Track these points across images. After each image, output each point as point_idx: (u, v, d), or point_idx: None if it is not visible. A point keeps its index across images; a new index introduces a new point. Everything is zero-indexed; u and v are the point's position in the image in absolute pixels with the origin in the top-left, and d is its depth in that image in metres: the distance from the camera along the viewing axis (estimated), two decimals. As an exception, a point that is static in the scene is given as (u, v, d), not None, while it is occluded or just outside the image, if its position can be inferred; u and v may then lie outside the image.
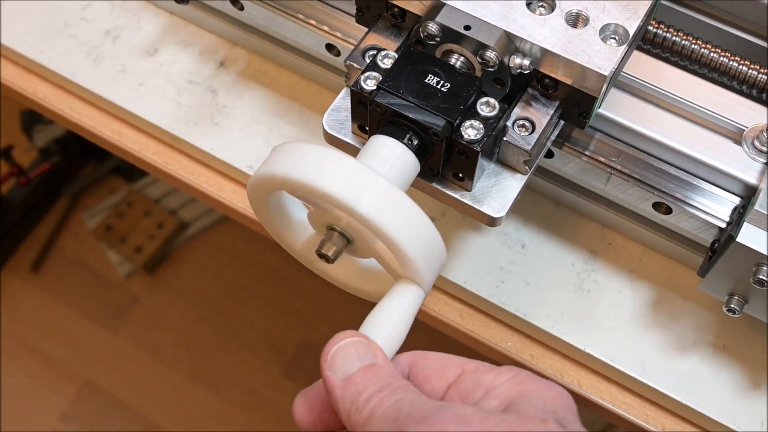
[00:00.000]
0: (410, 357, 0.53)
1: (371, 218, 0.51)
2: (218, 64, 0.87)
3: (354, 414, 0.47)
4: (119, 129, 0.87)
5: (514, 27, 0.60)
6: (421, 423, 0.44)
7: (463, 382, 0.50)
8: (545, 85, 0.62)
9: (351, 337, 0.51)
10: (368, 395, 0.48)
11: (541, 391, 0.48)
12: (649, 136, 0.68)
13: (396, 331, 0.53)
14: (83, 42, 0.89)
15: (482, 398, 0.49)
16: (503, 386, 0.49)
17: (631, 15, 0.61)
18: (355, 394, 0.48)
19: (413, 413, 0.45)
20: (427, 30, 0.61)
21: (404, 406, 0.46)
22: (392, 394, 0.47)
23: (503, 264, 0.78)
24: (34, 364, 1.87)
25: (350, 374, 0.49)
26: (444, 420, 0.43)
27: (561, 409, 0.48)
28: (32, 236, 2.01)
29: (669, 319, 0.76)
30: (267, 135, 0.83)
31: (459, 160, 0.59)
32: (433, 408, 0.45)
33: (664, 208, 0.69)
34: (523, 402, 0.47)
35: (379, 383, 0.48)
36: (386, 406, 0.46)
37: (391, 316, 0.54)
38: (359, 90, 0.59)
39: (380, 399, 0.47)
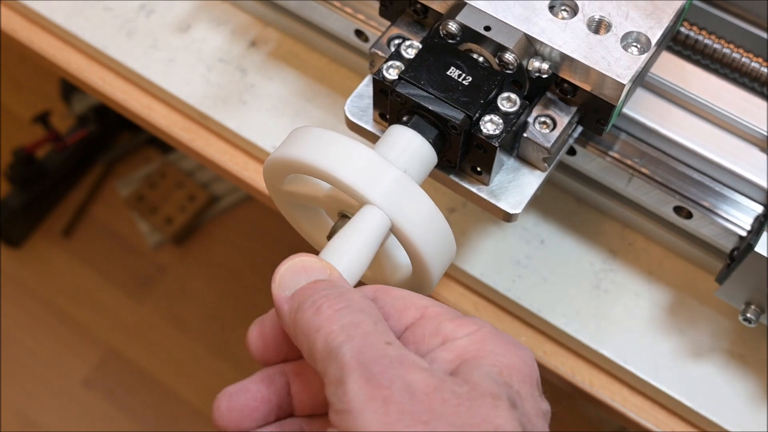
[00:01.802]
0: (372, 290, 0.48)
1: (383, 208, 0.51)
2: (249, 44, 0.87)
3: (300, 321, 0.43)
4: (149, 103, 0.87)
5: (535, 30, 0.60)
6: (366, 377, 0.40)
7: (422, 326, 0.46)
8: (564, 90, 0.61)
9: (302, 256, 0.47)
10: (317, 300, 0.43)
11: (501, 353, 0.44)
12: (674, 139, 0.68)
13: (357, 258, 0.50)
14: (117, 15, 0.90)
15: (437, 348, 0.44)
16: (462, 340, 0.44)
17: (654, 24, 0.60)
18: (302, 300, 0.44)
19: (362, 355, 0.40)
20: (448, 29, 0.61)
21: (354, 338, 0.41)
22: (347, 313, 0.43)
23: (521, 258, 0.77)
24: (60, 328, 1.89)
25: (300, 287, 0.45)
26: (391, 386, 0.40)
27: (517, 380, 0.43)
28: (65, 202, 2.02)
29: (685, 323, 0.75)
30: (294, 117, 0.83)
31: (477, 153, 0.59)
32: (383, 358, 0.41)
33: (685, 212, 0.69)
34: (478, 367, 0.43)
35: (333, 292, 0.44)
36: (336, 324, 0.42)
37: (352, 242, 0.51)
38: (381, 79, 0.59)
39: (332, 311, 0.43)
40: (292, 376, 0.48)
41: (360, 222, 0.51)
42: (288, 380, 0.48)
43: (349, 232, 0.51)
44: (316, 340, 0.42)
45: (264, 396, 0.48)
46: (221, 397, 0.47)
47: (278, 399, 0.48)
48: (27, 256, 1.97)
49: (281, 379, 0.48)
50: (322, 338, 0.42)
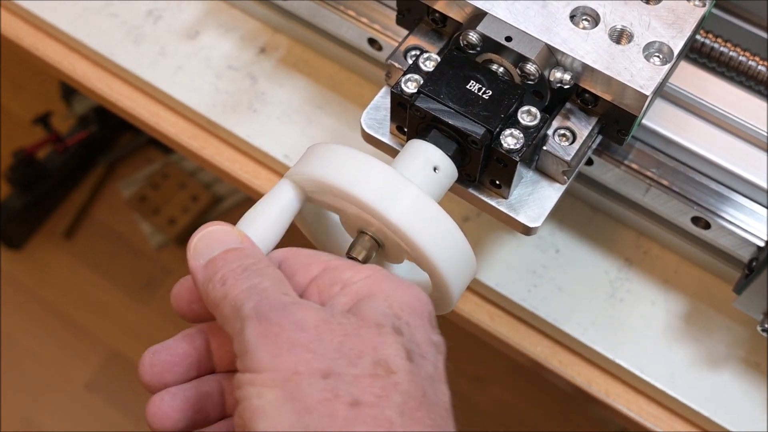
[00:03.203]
0: (282, 252, 0.52)
1: (401, 228, 0.51)
2: (259, 51, 0.87)
3: (210, 292, 0.47)
4: (157, 111, 0.87)
5: (557, 40, 0.59)
6: (261, 322, 0.43)
7: (323, 277, 0.49)
8: (585, 100, 0.61)
9: (216, 225, 0.50)
10: (224, 273, 0.47)
11: (392, 291, 0.47)
12: (691, 149, 0.68)
13: (270, 227, 0.53)
14: (124, 21, 0.89)
15: (336, 294, 0.48)
16: (358, 283, 0.48)
17: (676, 33, 0.60)
18: (213, 273, 0.47)
19: (259, 306, 0.44)
20: (468, 39, 0.60)
21: (253, 295, 0.45)
22: (249, 278, 0.46)
23: (536, 268, 0.77)
24: (62, 331, 1.88)
25: (212, 257, 0.48)
26: (281, 323, 0.43)
27: (407, 313, 0.46)
28: (67, 203, 2.01)
29: (701, 332, 0.75)
30: (305, 125, 0.83)
31: (497, 167, 0.58)
32: (277, 305, 0.44)
33: (702, 222, 0.68)
34: (369, 302, 0.46)
35: (238, 263, 0.47)
36: (239, 289, 0.46)
37: (265, 212, 0.53)
38: (399, 92, 0.59)
39: (236, 280, 0.46)
40: (211, 334, 0.51)
41: (275, 193, 0.54)
42: (207, 338, 0.51)
43: (263, 203, 0.54)
44: (224, 306, 0.46)
45: (185, 352, 0.51)
46: (145, 354, 0.50)
47: (198, 355, 0.51)
48: (28, 258, 1.96)
49: (201, 337, 0.51)
50: (228, 303, 0.46)
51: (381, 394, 0.42)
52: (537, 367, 0.76)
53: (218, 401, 0.51)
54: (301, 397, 0.41)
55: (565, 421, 1.72)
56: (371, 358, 0.43)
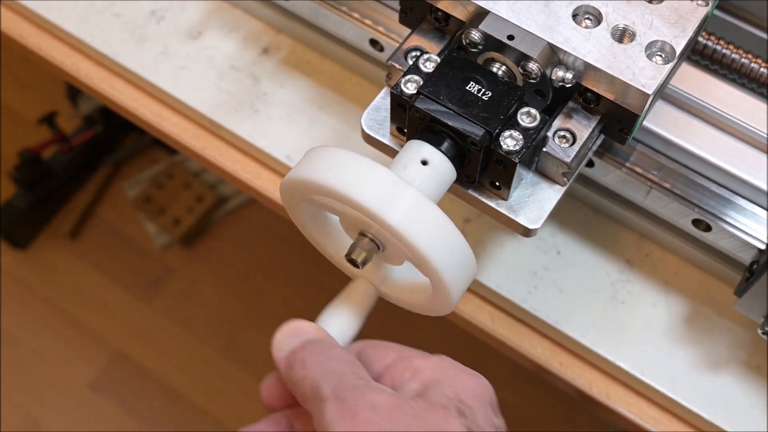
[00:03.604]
0: (360, 344, 0.56)
1: (400, 230, 0.51)
2: (261, 51, 0.87)
3: (292, 375, 0.51)
4: (159, 111, 0.87)
5: (559, 39, 0.59)
6: (338, 402, 0.48)
7: (397, 365, 0.53)
8: (587, 99, 0.61)
9: (295, 322, 0.55)
10: (304, 356, 0.51)
11: (458, 379, 0.52)
12: (693, 151, 0.67)
13: (346, 323, 0.57)
14: (127, 21, 0.89)
15: (407, 380, 0.52)
16: (426, 371, 0.52)
17: (678, 33, 0.60)
18: (293, 359, 0.52)
19: (337, 389, 0.48)
20: (470, 37, 0.60)
21: (331, 378, 0.49)
22: (326, 362, 0.51)
23: (537, 269, 0.77)
24: (67, 331, 1.88)
25: (293, 347, 0.53)
26: (358, 404, 0.47)
27: (470, 398, 0.50)
28: (72, 203, 2.02)
29: (702, 334, 0.74)
30: (307, 125, 0.83)
31: (497, 169, 0.58)
32: (354, 387, 0.48)
33: (703, 225, 0.68)
34: (436, 388, 0.50)
35: (318, 349, 0.52)
36: (318, 372, 0.50)
37: (341, 310, 0.58)
38: (399, 93, 0.59)
39: (314, 363, 0.51)
40: (295, 418, 0.56)
41: (351, 291, 0.59)
42: (292, 422, 0.56)
43: (339, 300, 0.58)
44: (304, 386, 0.50)
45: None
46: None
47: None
48: (33, 258, 1.96)
49: (286, 422, 0.56)
50: (308, 384, 0.50)
51: None
52: (537, 369, 0.76)
53: None
54: None
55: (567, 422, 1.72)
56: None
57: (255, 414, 1.78)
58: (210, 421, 1.79)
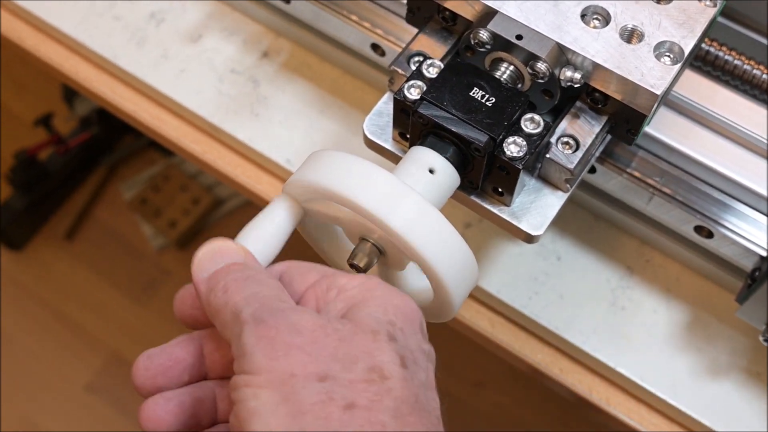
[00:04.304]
0: (281, 265, 0.53)
1: (402, 235, 0.50)
2: (261, 54, 0.86)
3: (212, 300, 0.48)
4: (159, 114, 0.87)
5: (567, 39, 0.59)
6: (258, 325, 0.45)
7: (320, 284, 0.50)
8: (595, 99, 0.61)
9: (219, 241, 0.52)
10: (226, 282, 0.48)
11: (386, 297, 0.48)
12: (695, 158, 0.67)
13: (268, 242, 0.54)
14: (127, 24, 0.89)
15: (332, 300, 0.49)
16: (353, 290, 0.49)
17: (687, 33, 0.60)
18: (215, 283, 0.49)
19: (257, 311, 0.46)
20: (478, 37, 0.60)
21: (252, 302, 0.46)
22: (249, 286, 0.48)
23: (537, 275, 0.77)
24: (63, 332, 1.87)
25: (216, 269, 0.50)
26: (278, 327, 0.44)
27: (400, 320, 0.47)
28: (68, 204, 2.01)
29: (703, 341, 0.74)
30: (307, 129, 0.83)
31: (500, 175, 0.58)
32: (274, 310, 0.46)
33: (705, 231, 0.68)
34: (363, 308, 0.47)
35: (240, 273, 0.49)
36: (240, 296, 0.47)
37: (264, 227, 0.54)
38: (402, 98, 0.58)
39: (237, 288, 0.48)
40: (205, 341, 0.52)
41: (273, 208, 0.55)
42: (201, 344, 0.52)
43: (262, 218, 0.55)
44: (225, 312, 0.47)
45: (179, 356, 0.51)
46: (140, 357, 0.51)
47: (192, 360, 0.52)
48: (29, 259, 1.96)
49: (195, 344, 0.52)
50: (228, 310, 0.47)
51: (375, 399, 0.43)
52: (538, 374, 0.76)
53: (211, 407, 0.51)
54: (297, 399, 0.42)
55: (565, 427, 1.71)
56: (366, 363, 0.44)
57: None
58: (205, 424, 1.79)
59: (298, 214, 0.56)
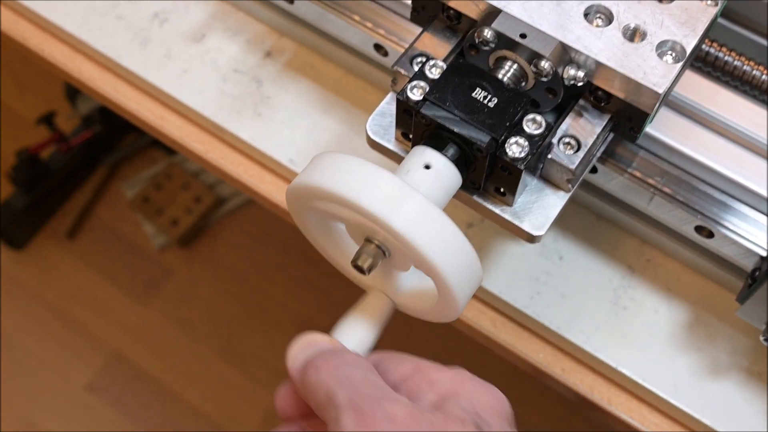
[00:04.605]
0: (375, 356, 0.55)
1: (406, 236, 0.51)
2: (265, 54, 0.87)
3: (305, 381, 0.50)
4: (162, 114, 0.87)
5: (570, 38, 0.59)
6: (355, 412, 0.47)
7: (413, 377, 0.53)
8: (598, 98, 0.61)
9: (310, 334, 0.55)
10: (318, 363, 0.51)
11: (475, 393, 0.51)
12: (696, 158, 0.67)
13: (362, 334, 0.57)
14: (130, 24, 0.89)
15: (424, 391, 0.51)
16: (444, 383, 0.52)
17: (689, 32, 0.60)
18: (308, 366, 0.51)
19: (353, 397, 0.48)
20: (483, 36, 0.60)
21: (347, 385, 0.48)
22: (341, 368, 0.50)
23: (539, 275, 0.77)
24: (64, 331, 1.88)
25: (307, 357, 0.52)
26: (375, 415, 0.47)
27: (487, 412, 0.50)
28: (70, 203, 2.01)
29: (704, 341, 0.75)
30: (310, 129, 0.83)
31: (502, 175, 0.58)
32: (370, 397, 0.48)
33: (706, 231, 0.68)
34: (453, 401, 0.50)
35: (333, 357, 0.51)
36: (333, 378, 0.49)
37: (359, 321, 0.57)
38: (405, 99, 0.59)
39: (329, 369, 0.50)
40: (309, 428, 0.55)
41: (366, 303, 0.58)
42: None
43: (354, 312, 0.58)
44: (319, 393, 0.49)
45: None
46: None
47: None
48: (30, 258, 1.96)
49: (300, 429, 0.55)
50: (322, 392, 0.49)
51: None
52: (539, 374, 0.76)
53: None
54: None
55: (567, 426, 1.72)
56: None
57: (252, 416, 1.78)
58: (207, 423, 1.79)
59: (391, 309, 0.59)
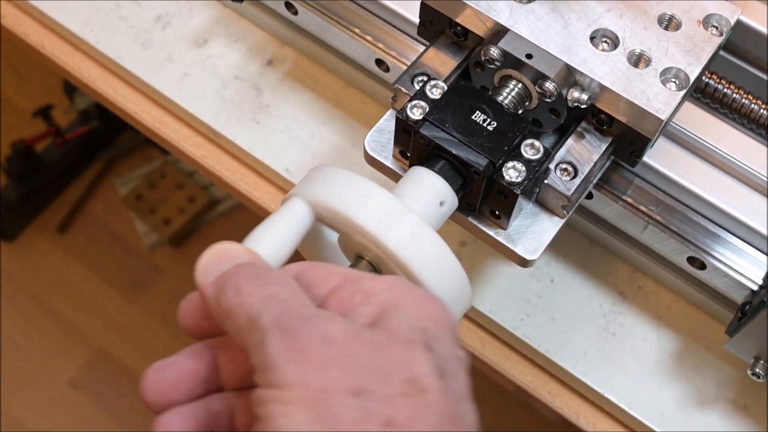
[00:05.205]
0: (297, 266, 0.49)
1: (398, 255, 0.51)
2: (266, 62, 0.87)
3: (223, 302, 0.45)
4: (160, 117, 0.87)
5: (576, 60, 0.60)
6: (284, 334, 0.41)
7: (344, 288, 0.47)
8: (600, 121, 0.62)
9: (223, 244, 0.49)
10: (238, 281, 0.45)
11: (417, 302, 0.45)
12: (691, 189, 0.68)
13: (279, 244, 0.51)
14: (133, 25, 0.89)
15: (359, 304, 0.45)
16: (381, 294, 0.45)
17: (693, 61, 0.61)
18: (223, 282, 0.45)
19: (281, 317, 0.42)
20: (489, 54, 0.61)
21: (272, 305, 0.43)
22: (265, 287, 0.44)
23: (530, 297, 0.77)
24: (49, 326, 1.87)
25: (223, 271, 0.46)
26: (309, 337, 0.41)
27: (434, 326, 0.44)
28: (63, 197, 2.01)
29: (692, 371, 0.75)
30: (308, 140, 0.83)
31: (498, 199, 0.58)
32: (301, 317, 0.42)
33: (698, 263, 0.68)
34: (395, 314, 0.44)
35: (253, 272, 0.46)
36: (256, 297, 0.44)
37: (273, 229, 0.52)
38: (405, 118, 0.59)
39: (251, 288, 0.44)
40: (219, 349, 0.49)
41: (283, 211, 0.53)
42: (215, 354, 0.49)
43: (271, 221, 0.53)
44: (239, 315, 0.43)
45: (191, 368, 0.48)
46: (148, 371, 0.47)
47: (206, 372, 0.48)
48: (20, 250, 1.95)
49: (208, 353, 0.49)
50: (243, 313, 0.43)
51: (414, 415, 0.40)
52: (526, 396, 0.76)
53: (227, 422, 0.48)
54: (332, 416, 0.39)
55: None
56: (403, 375, 0.41)
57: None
58: (189, 424, 1.78)
59: (311, 219, 0.53)
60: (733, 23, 0.63)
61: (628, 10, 0.62)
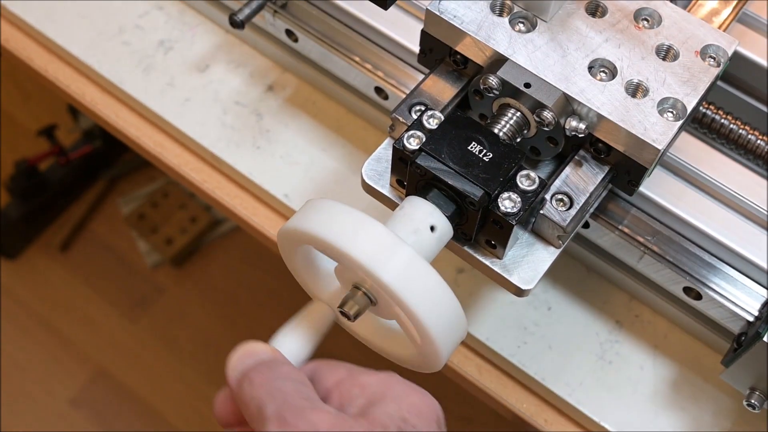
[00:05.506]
0: (314, 363, 0.56)
1: (393, 289, 0.51)
2: (267, 88, 0.87)
3: (239, 394, 0.51)
4: (161, 141, 0.87)
5: (574, 90, 0.60)
6: (279, 421, 0.48)
7: (345, 382, 0.53)
8: (598, 149, 0.62)
9: (249, 343, 0.55)
10: (252, 375, 0.51)
11: (403, 396, 0.51)
12: (687, 220, 0.68)
13: (301, 343, 0.57)
14: (136, 50, 0.90)
15: (355, 396, 0.52)
16: (372, 386, 0.52)
17: (690, 91, 0.61)
18: (244, 378, 0.52)
19: (281, 409, 0.49)
20: (488, 82, 0.61)
21: (276, 397, 0.49)
22: (273, 381, 0.51)
23: (527, 324, 0.77)
24: (51, 344, 1.87)
25: (245, 368, 0.53)
26: (297, 425, 0.48)
27: (414, 416, 0.50)
28: (65, 216, 2.01)
29: (688, 400, 0.75)
30: (308, 166, 0.83)
31: (493, 229, 0.59)
32: (295, 409, 0.49)
33: (694, 293, 0.69)
34: (380, 405, 0.50)
35: (266, 368, 0.52)
36: (264, 390, 0.50)
37: (296, 330, 0.57)
38: (401, 148, 0.59)
39: (261, 381, 0.51)
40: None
41: (306, 312, 0.59)
42: None
43: (294, 321, 0.58)
44: (251, 406, 0.50)
45: None
46: None
47: None
48: (22, 269, 1.96)
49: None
50: (254, 404, 0.50)
51: None
52: (522, 424, 0.76)
53: None
54: None
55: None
56: None
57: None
58: (188, 444, 1.79)
59: (331, 318, 0.59)
60: (731, 54, 0.63)
61: (626, 40, 0.63)
